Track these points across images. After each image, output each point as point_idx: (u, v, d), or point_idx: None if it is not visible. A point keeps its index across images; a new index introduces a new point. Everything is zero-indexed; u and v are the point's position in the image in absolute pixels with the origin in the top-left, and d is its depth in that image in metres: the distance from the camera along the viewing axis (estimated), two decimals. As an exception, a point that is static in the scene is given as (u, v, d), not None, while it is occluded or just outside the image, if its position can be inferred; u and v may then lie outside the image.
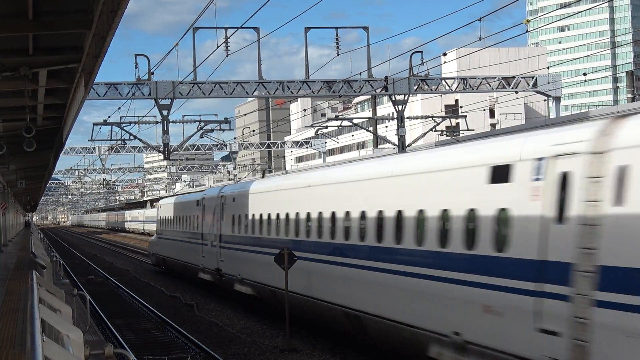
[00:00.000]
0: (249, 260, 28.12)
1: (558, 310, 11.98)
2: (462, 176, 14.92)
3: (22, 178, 48.17)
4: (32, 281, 13.46)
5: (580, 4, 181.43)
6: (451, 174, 15.35)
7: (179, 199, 43.99)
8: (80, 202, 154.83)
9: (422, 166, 16.70)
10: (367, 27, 40.09)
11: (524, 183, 13.10)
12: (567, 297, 11.80)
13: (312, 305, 22.18)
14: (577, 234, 11.76)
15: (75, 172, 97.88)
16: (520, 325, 12.83)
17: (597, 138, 11.80)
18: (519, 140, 13.75)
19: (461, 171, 15.03)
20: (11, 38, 14.76)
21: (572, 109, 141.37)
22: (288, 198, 24.45)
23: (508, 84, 43.21)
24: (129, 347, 21.89)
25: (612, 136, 11.58)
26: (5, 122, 23.82)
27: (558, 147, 12.53)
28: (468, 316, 14.33)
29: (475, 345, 14.16)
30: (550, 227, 12.33)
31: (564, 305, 11.85)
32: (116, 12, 12.53)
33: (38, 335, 7.82)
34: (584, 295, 11.48)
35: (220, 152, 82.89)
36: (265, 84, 39.23)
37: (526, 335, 12.71)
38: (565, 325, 11.82)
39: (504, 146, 14.14)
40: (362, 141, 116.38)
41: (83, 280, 42.81)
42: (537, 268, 12.50)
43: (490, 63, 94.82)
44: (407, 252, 16.84)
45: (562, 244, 12.01)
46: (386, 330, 17.81)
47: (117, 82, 37.56)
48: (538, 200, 12.71)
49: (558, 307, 11.98)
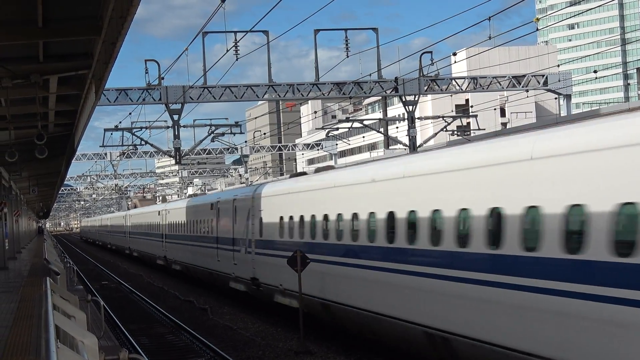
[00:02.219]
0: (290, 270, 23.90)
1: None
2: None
3: (35, 185, 48.33)
4: (46, 287, 13.49)
5: (590, 2, 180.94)
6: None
7: (202, 200, 40.81)
8: (92, 207, 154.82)
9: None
10: (376, 29, 40.06)
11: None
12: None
13: (375, 322, 18.97)
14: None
15: (87, 178, 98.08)
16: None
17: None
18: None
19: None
20: (21, 45, 14.80)
21: (583, 107, 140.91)
22: (356, 194, 20.35)
23: (518, 82, 43.11)
24: (143, 352, 21.91)
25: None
26: (17, 130, 23.84)
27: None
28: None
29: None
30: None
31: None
32: (125, 17, 12.55)
33: (53, 341, 7.83)
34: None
35: (231, 155, 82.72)
36: (276, 86, 39.24)
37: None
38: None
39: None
40: (373, 142, 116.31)
41: (97, 286, 42.89)
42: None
43: (500, 62, 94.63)
44: (506, 259, 13.65)
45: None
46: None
47: (127, 87, 37.62)
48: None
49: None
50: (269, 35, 38.10)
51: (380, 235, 18.39)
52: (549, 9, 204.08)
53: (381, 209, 18.44)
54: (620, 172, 11.33)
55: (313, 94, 40.00)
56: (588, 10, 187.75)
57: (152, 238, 56.72)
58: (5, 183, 36.82)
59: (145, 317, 30.77)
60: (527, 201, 13.16)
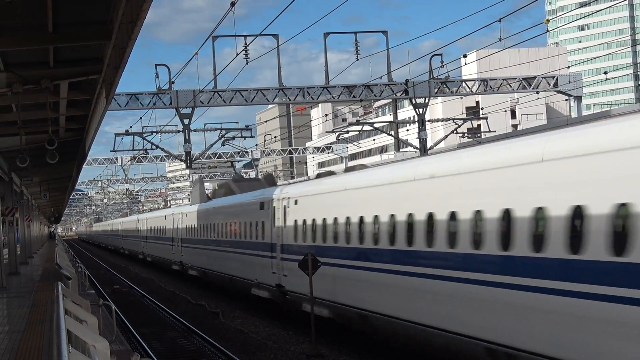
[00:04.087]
0: (329, 277, 22.21)
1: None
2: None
3: (46, 190, 48.47)
4: (58, 292, 13.52)
5: (600, 3, 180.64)
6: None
7: (222, 203, 38.29)
8: (104, 212, 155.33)
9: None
10: (386, 32, 40.08)
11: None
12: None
13: (427, 336, 16.84)
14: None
15: (98, 182, 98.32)
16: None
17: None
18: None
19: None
20: (32, 51, 14.85)
21: (594, 108, 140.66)
22: (426, 191, 17.24)
23: (529, 84, 43.04)
24: (155, 356, 21.95)
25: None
26: (28, 135, 23.91)
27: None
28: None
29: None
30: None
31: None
32: (135, 22, 12.57)
33: (64, 346, 7.84)
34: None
35: (242, 159, 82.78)
36: (286, 90, 39.26)
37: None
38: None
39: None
40: (383, 145, 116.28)
41: (108, 290, 42.94)
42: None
43: (510, 64, 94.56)
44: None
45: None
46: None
47: (138, 92, 37.71)
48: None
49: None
50: (278, 38, 38.15)
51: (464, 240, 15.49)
52: (559, 10, 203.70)
53: (468, 207, 15.45)
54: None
55: (323, 97, 40.01)
56: (598, 12, 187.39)
57: (165, 242, 55.43)
58: (16, 188, 36.92)
59: (156, 321, 30.80)
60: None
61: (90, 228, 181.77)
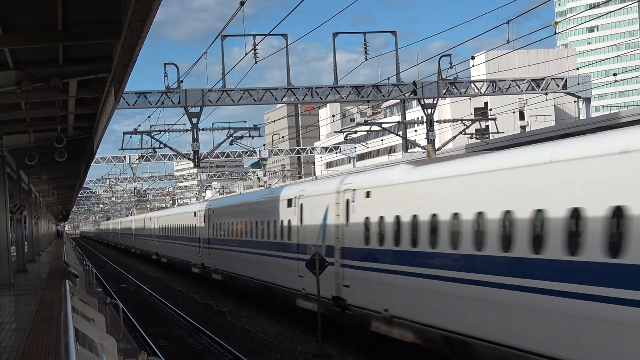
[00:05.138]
0: (417, 291, 17.72)
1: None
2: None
3: (54, 188, 48.62)
4: (66, 290, 13.54)
5: (610, 4, 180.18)
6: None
7: (261, 197, 32.55)
8: (111, 210, 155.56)
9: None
10: (395, 32, 40.03)
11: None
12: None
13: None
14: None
15: (106, 181, 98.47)
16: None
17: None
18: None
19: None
20: (41, 49, 14.88)
21: (603, 110, 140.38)
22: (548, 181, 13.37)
23: (537, 85, 42.96)
24: (162, 355, 21.96)
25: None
26: (36, 133, 23.99)
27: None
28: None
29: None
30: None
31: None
32: (145, 21, 12.58)
33: (72, 344, 7.86)
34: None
35: (250, 158, 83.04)
36: (294, 90, 39.24)
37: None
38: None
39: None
40: (391, 145, 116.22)
41: (116, 289, 43.00)
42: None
43: (519, 65, 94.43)
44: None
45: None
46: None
47: (146, 90, 37.71)
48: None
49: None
50: (287, 38, 38.13)
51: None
52: (569, 12, 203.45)
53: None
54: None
55: (332, 97, 39.98)
56: (608, 13, 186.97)
57: (188, 243, 48.83)
58: (24, 186, 37.01)
59: (163, 320, 30.83)
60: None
61: (99, 226, 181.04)
